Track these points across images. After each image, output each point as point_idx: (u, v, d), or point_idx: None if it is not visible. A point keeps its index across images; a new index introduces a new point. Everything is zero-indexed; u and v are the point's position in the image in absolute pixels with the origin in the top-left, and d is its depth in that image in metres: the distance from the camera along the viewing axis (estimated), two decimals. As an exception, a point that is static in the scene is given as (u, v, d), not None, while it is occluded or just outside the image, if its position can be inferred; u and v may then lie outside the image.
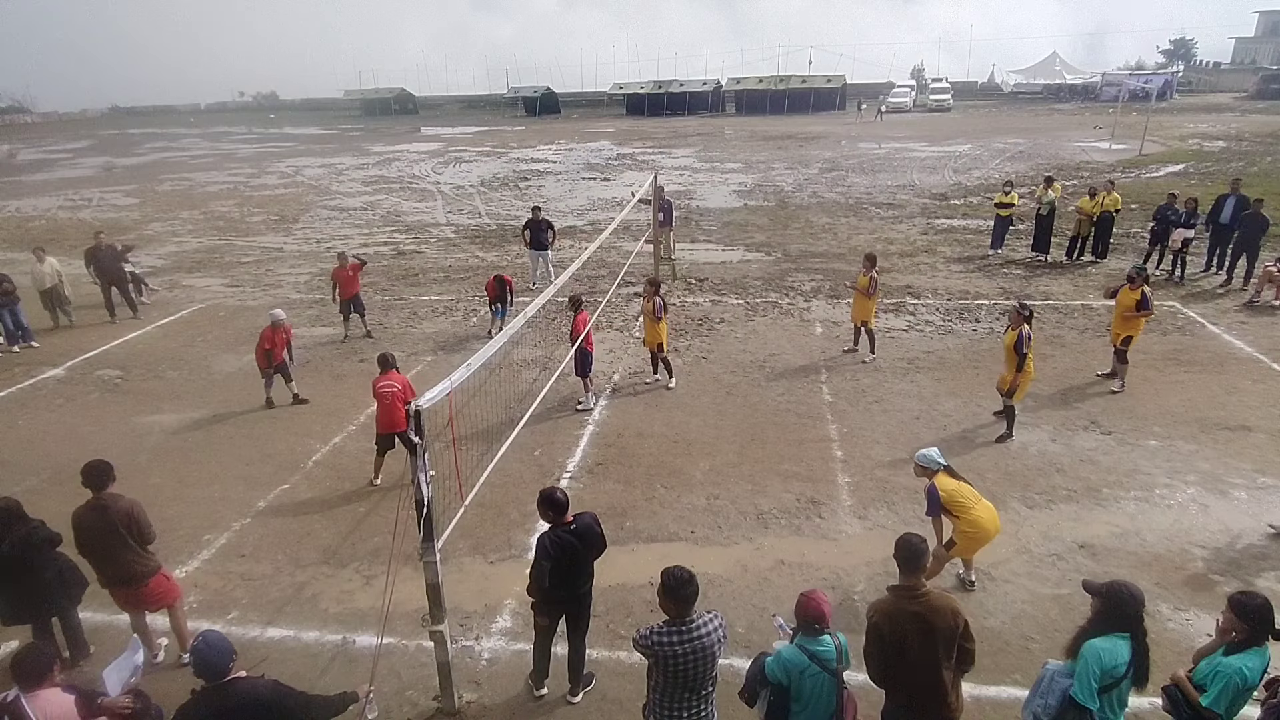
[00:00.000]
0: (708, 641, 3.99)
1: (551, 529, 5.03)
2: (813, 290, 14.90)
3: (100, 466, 5.53)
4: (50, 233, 22.89)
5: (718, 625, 4.07)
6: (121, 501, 5.50)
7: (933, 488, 5.90)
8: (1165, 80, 61.68)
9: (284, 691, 3.89)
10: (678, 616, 4.02)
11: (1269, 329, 12.10)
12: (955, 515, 5.89)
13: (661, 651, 3.97)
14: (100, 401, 10.87)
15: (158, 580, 5.65)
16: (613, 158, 37.49)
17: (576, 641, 5.34)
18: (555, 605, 5.20)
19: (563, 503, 5.03)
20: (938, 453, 6.09)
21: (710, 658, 4.02)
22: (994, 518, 5.98)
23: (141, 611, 5.83)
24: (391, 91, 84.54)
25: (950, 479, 5.94)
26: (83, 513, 5.48)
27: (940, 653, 4.03)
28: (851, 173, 29.78)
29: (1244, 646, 3.93)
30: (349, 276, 12.57)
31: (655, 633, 4.02)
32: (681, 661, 3.97)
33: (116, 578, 5.58)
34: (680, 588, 3.99)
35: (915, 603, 4.03)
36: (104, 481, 5.50)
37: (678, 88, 69.83)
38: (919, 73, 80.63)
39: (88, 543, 5.51)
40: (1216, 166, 27.29)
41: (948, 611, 4.04)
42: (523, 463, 8.65)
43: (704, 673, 4.04)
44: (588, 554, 5.13)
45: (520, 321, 6.44)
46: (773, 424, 9.47)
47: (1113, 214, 15.80)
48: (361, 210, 25.51)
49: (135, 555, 5.54)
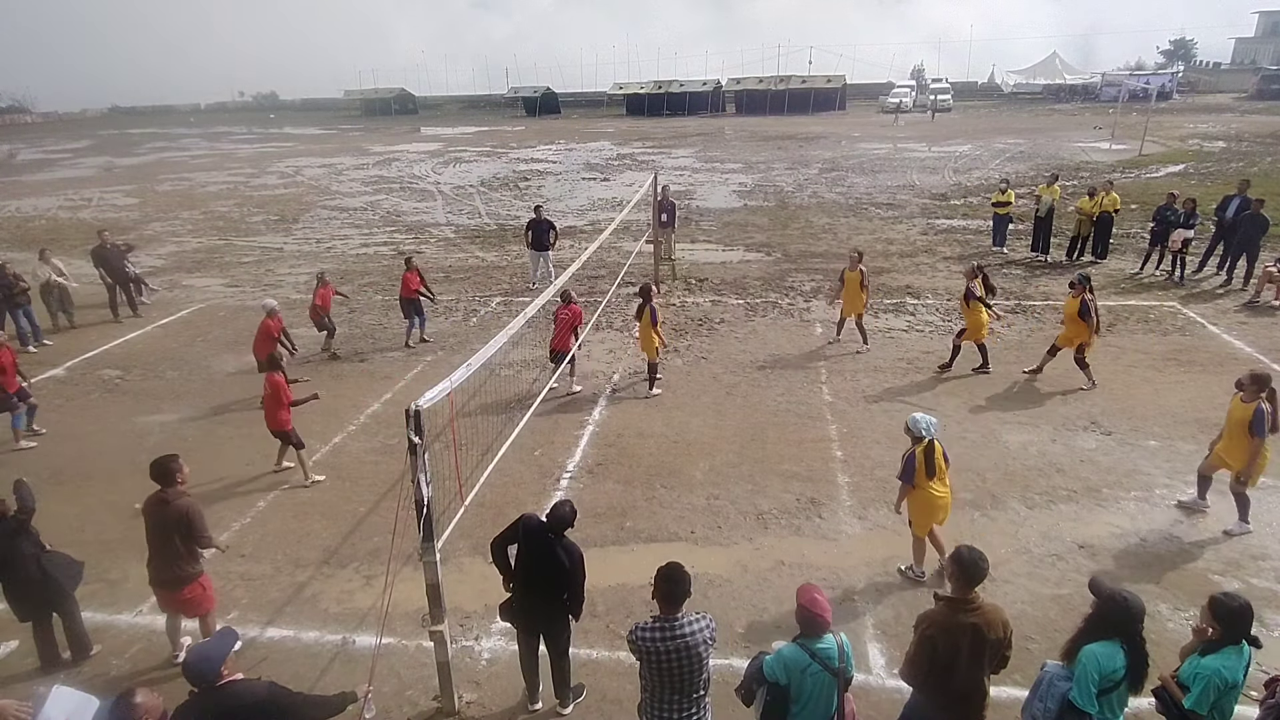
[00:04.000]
0: (692, 642, 4.01)
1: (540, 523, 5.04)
2: (813, 290, 14.90)
3: (162, 463, 5.55)
4: (50, 233, 22.88)
5: (704, 627, 4.09)
6: (181, 501, 5.52)
7: (912, 455, 6.12)
8: (1169, 80, 61.75)
9: (281, 692, 3.89)
10: (666, 613, 4.07)
11: (1269, 329, 12.10)
12: (914, 485, 6.17)
13: (646, 648, 4.03)
14: (100, 401, 10.87)
15: (193, 588, 5.65)
16: (613, 158, 37.48)
17: (555, 659, 5.26)
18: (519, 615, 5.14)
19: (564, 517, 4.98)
20: (932, 425, 6.16)
21: (696, 659, 4.04)
22: (947, 504, 6.31)
23: (177, 614, 5.84)
24: (391, 91, 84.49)
25: (926, 454, 6.09)
26: (147, 505, 5.55)
27: (985, 661, 4.08)
28: (851, 173, 29.77)
29: (1219, 646, 3.95)
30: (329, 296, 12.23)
31: (641, 629, 4.09)
32: (665, 660, 4.00)
33: (158, 578, 5.62)
34: (667, 584, 4.05)
35: (971, 615, 4.04)
36: (168, 478, 5.51)
37: (678, 88, 69.80)
38: (919, 73, 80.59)
39: (148, 535, 5.59)
40: (1216, 167, 27.30)
41: (999, 624, 4.09)
42: (523, 463, 8.65)
43: (691, 674, 4.05)
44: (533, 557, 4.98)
45: (520, 321, 6.44)
46: (773, 424, 9.48)
47: (1112, 214, 15.80)
48: (361, 210, 25.50)
49: (179, 559, 5.54)
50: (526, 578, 5.03)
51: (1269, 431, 6.71)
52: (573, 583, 5.00)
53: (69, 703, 3.83)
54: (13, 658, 6.07)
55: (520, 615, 5.16)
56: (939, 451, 6.20)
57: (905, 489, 6.28)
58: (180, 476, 5.57)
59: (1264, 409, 6.65)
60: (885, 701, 5.28)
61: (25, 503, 5.67)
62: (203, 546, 5.63)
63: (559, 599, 5.05)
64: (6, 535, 5.51)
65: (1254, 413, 6.65)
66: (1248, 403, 6.74)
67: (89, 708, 3.85)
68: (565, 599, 5.06)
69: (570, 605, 5.10)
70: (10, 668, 5.91)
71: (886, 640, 5.93)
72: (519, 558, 5.05)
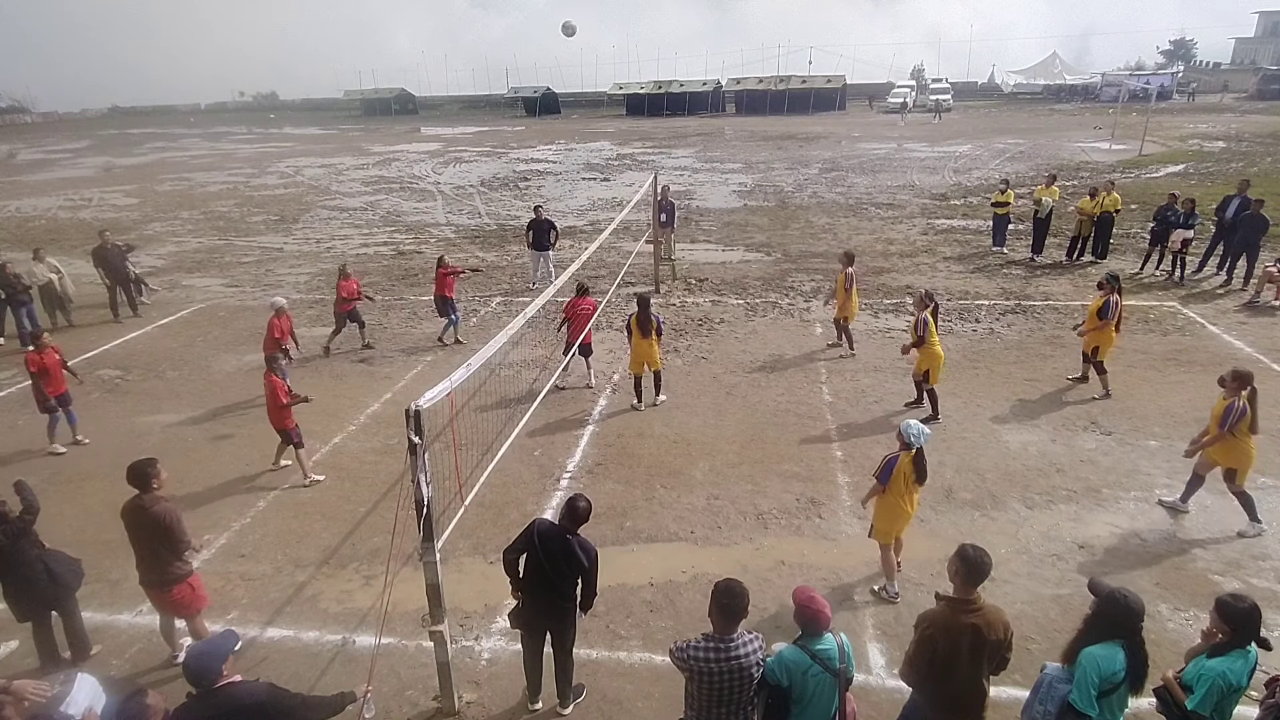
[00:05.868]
0: (746, 663, 3.94)
1: (554, 525, 5.05)
2: (813, 290, 14.90)
3: (139, 467, 5.53)
4: (50, 233, 22.89)
5: (758, 648, 4.02)
6: (158, 506, 5.49)
7: (895, 459, 6.00)
8: (1172, 80, 61.62)
9: (280, 693, 3.89)
10: (722, 631, 3.97)
11: (1269, 329, 12.10)
12: (888, 490, 6.07)
13: (697, 667, 3.94)
14: (100, 401, 10.87)
15: (182, 589, 5.64)
16: (613, 158, 37.48)
17: (561, 658, 5.28)
18: (529, 618, 5.15)
19: (581, 511, 4.99)
20: (923, 434, 6.03)
21: (747, 679, 3.98)
22: (908, 516, 6.25)
23: (169, 615, 5.84)
24: (391, 91, 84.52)
25: (910, 462, 5.99)
26: (125, 511, 5.53)
27: (985, 662, 4.07)
28: (851, 173, 29.78)
29: (1227, 649, 3.93)
30: (353, 288, 12.19)
31: (693, 647, 3.98)
32: (717, 679, 3.93)
33: (146, 579, 5.63)
34: (726, 598, 3.93)
35: (972, 615, 4.03)
36: (144, 483, 5.50)
37: (678, 88, 69.83)
38: (919, 73, 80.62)
39: (130, 540, 5.58)
40: (1216, 167, 27.31)
41: (1000, 625, 4.08)
42: (523, 463, 8.65)
43: (740, 692, 4.00)
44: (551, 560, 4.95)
45: (520, 321, 6.44)
46: (773, 424, 9.47)
47: (1113, 214, 15.80)
48: (361, 210, 25.50)
49: (163, 561, 5.54)
50: (540, 580, 5.00)
51: (1250, 432, 6.78)
52: (588, 580, 5.02)
53: (92, 690, 3.97)
54: (13, 658, 6.07)
55: (530, 617, 5.15)
56: (923, 464, 6.08)
57: (877, 489, 6.16)
58: (156, 482, 5.53)
59: (1235, 405, 6.72)
60: (885, 701, 5.28)
61: (30, 504, 5.66)
62: (178, 551, 5.56)
63: (571, 597, 5.07)
64: (11, 536, 5.50)
65: (1225, 408, 6.76)
66: (1226, 399, 6.82)
67: (102, 700, 3.97)
68: (576, 596, 5.08)
69: (582, 601, 5.11)
70: (10, 668, 5.89)
71: (886, 640, 5.93)
72: (530, 562, 5.01)
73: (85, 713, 3.86)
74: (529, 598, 5.09)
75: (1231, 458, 6.91)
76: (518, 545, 5.05)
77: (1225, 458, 6.96)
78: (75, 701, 3.84)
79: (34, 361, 9.09)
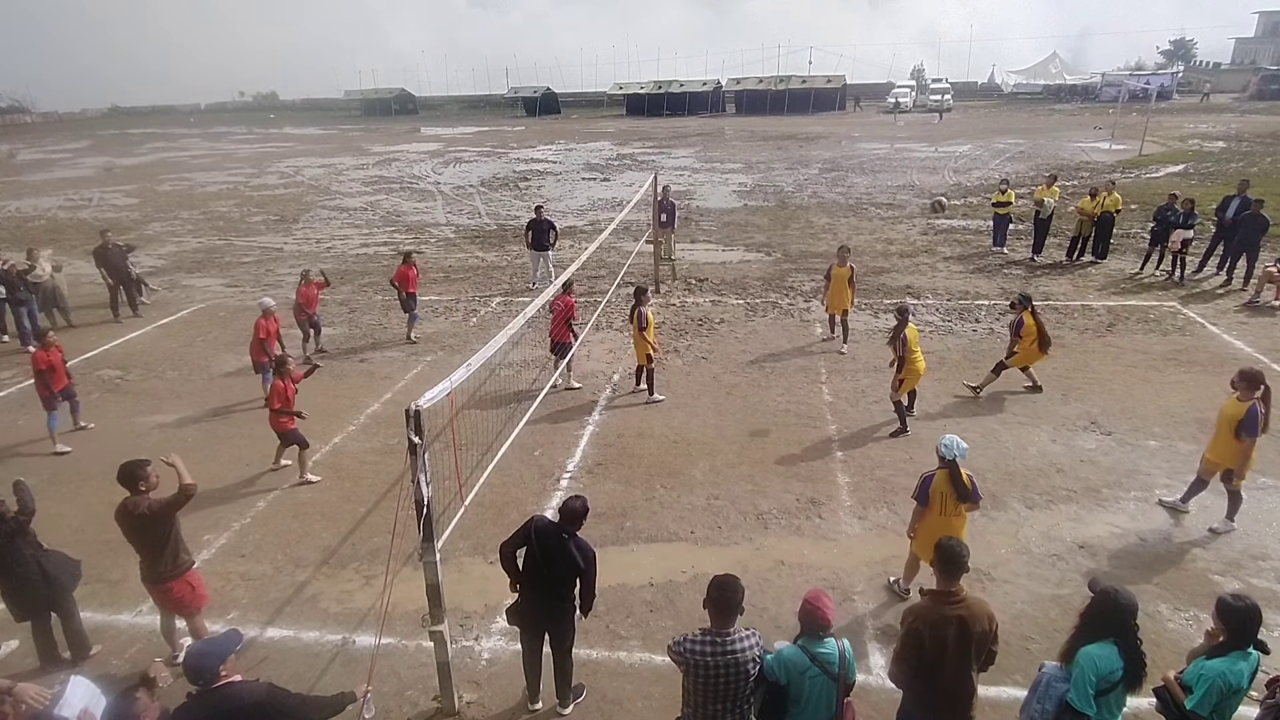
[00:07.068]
0: (742, 658, 3.95)
1: (552, 524, 5.05)
2: (813, 290, 14.89)
3: (129, 468, 5.55)
4: (50, 233, 22.88)
5: (755, 644, 4.02)
6: (143, 505, 5.51)
7: (931, 477, 5.81)
8: (1172, 80, 61.49)
9: (279, 693, 3.89)
10: (718, 626, 3.98)
11: (1269, 329, 12.10)
12: (928, 512, 5.84)
13: (693, 660, 3.95)
14: (100, 401, 10.86)
15: (180, 585, 5.65)
16: (613, 158, 37.47)
17: (559, 658, 5.28)
18: (527, 616, 5.15)
19: (577, 511, 5.00)
20: (956, 447, 5.73)
21: (744, 674, 3.98)
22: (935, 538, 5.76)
23: (170, 612, 5.85)
24: (391, 92, 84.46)
25: (947, 479, 5.75)
26: (118, 514, 5.55)
27: (972, 656, 4.07)
28: (851, 173, 29.77)
29: (1226, 649, 3.93)
30: (313, 295, 11.89)
31: (690, 641, 3.99)
32: (714, 674, 3.94)
33: (144, 575, 5.66)
34: (721, 592, 3.95)
35: (955, 607, 4.04)
36: (133, 483, 5.51)
37: (678, 88, 69.79)
38: (919, 73, 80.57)
39: (127, 540, 5.60)
40: (1216, 167, 27.30)
41: (984, 616, 4.08)
42: (523, 463, 8.65)
43: (737, 687, 4.00)
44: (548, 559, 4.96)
45: (520, 321, 6.44)
46: (773, 424, 9.47)
47: (1113, 214, 15.81)
48: (361, 210, 25.50)
49: (159, 557, 5.56)
50: (537, 578, 5.01)
51: (1260, 431, 6.68)
52: (586, 581, 5.01)
53: (87, 692, 3.97)
54: (13, 658, 6.07)
55: (527, 615, 5.16)
56: (965, 478, 5.68)
57: (919, 511, 5.92)
58: (144, 484, 5.53)
59: (1258, 409, 6.60)
60: (885, 702, 5.27)
61: (26, 504, 5.67)
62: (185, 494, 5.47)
63: (569, 597, 5.06)
64: (6, 536, 5.50)
65: (1247, 412, 6.56)
66: (1244, 401, 6.68)
67: (100, 702, 3.98)
68: (575, 596, 5.07)
69: (581, 604, 5.11)
70: (10, 668, 5.90)
71: (887, 640, 5.92)
72: (528, 559, 5.03)
73: (81, 714, 3.87)
74: (527, 594, 5.10)
75: (1235, 459, 6.87)
76: (514, 540, 5.08)
77: (1230, 459, 6.90)
78: (69, 703, 3.85)
79: (41, 359, 9.13)
